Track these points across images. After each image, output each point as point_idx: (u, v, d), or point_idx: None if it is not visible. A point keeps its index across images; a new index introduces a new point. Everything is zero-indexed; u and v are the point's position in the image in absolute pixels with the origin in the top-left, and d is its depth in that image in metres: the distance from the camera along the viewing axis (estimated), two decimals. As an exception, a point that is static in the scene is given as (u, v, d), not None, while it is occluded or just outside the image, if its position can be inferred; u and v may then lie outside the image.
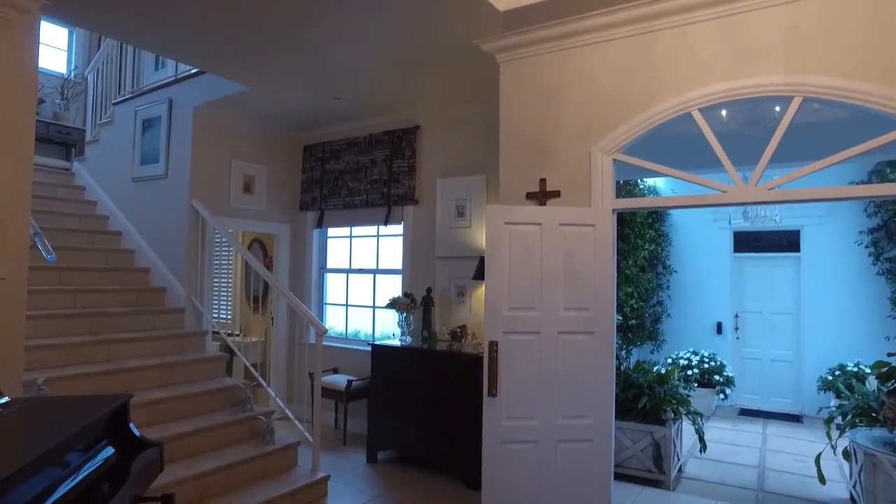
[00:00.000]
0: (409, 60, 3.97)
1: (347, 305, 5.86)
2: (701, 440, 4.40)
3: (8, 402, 2.22)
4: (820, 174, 2.72)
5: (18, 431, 2.01)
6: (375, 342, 4.79)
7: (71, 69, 7.69)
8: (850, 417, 3.82)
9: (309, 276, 5.91)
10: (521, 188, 3.43)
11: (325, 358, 5.30)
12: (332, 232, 5.99)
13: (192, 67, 4.93)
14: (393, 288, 5.36)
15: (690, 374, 6.47)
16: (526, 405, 3.04)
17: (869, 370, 5.25)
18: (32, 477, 1.53)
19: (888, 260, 5.87)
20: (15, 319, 2.93)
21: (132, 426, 2.41)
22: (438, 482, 4.20)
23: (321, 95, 4.79)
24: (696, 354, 6.75)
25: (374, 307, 5.63)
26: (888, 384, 3.58)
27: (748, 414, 6.60)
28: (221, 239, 5.25)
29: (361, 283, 5.77)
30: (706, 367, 6.58)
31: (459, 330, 4.54)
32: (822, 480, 3.79)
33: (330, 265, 6.00)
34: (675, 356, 6.85)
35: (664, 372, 4.66)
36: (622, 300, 5.81)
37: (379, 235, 5.64)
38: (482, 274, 4.17)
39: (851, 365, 5.96)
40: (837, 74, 2.58)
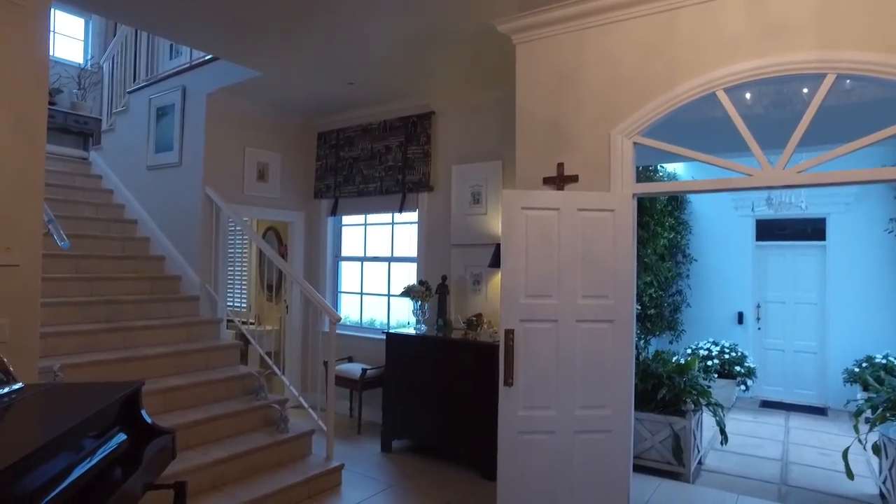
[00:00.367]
0: (423, 43, 3.89)
1: (362, 294, 5.82)
2: (722, 432, 4.30)
3: (22, 387, 2.22)
4: (848, 159, 2.60)
5: (31, 416, 2.01)
6: (390, 330, 4.75)
7: (87, 59, 7.71)
8: (880, 411, 3.69)
9: (323, 264, 5.88)
10: (537, 173, 3.34)
11: (339, 346, 5.28)
12: (346, 220, 5.95)
13: (205, 54, 4.89)
14: (408, 276, 5.31)
15: (710, 364, 6.35)
16: (543, 395, 2.97)
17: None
18: (44, 461, 1.52)
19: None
20: (30, 306, 2.91)
21: (144, 413, 2.39)
22: (453, 472, 4.16)
23: (335, 81, 4.73)
24: (716, 345, 6.62)
25: (388, 295, 5.59)
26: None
27: (770, 406, 6.46)
28: (235, 227, 5.24)
29: (376, 271, 5.73)
30: (727, 357, 6.46)
31: (475, 318, 4.48)
32: (850, 475, 3.68)
33: (344, 253, 5.96)
34: (694, 346, 6.72)
35: (684, 362, 4.56)
36: (641, 289, 5.69)
37: (394, 223, 5.59)
38: (498, 262, 4.10)
39: (880, 357, 5.79)
40: (875, 49, 2.44)
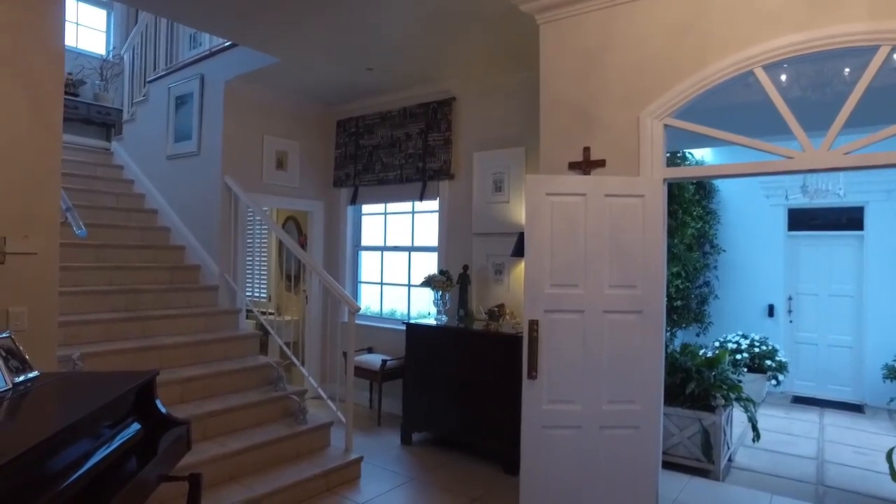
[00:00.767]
0: (443, 24, 3.76)
1: (382, 284, 5.75)
2: (754, 428, 4.14)
3: (38, 375, 2.22)
4: (890, 142, 2.42)
5: (45, 405, 2.00)
6: (410, 321, 4.67)
7: (109, 50, 7.74)
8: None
9: (343, 253, 5.82)
10: (562, 158, 3.21)
11: (359, 337, 5.21)
12: (366, 209, 5.87)
13: (224, 41, 4.84)
14: (428, 266, 5.21)
15: (739, 358, 6.16)
16: (568, 389, 2.85)
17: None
18: (56, 449, 1.54)
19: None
20: (48, 294, 2.89)
21: (159, 403, 2.35)
22: (474, 466, 4.07)
23: (353, 67, 4.63)
24: (745, 338, 6.41)
25: (409, 285, 5.50)
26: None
27: (802, 402, 6.24)
28: (255, 216, 5.19)
29: (396, 260, 5.65)
30: (756, 351, 6.25)
31: (497, 309, 4.37)
32: (894, 477, 3.49)
33: (364, 243, 5.89)
34: (722, 339, 6.52)
35: (713, 355, 4.39)
36: (668, 280, 5.51)
37: (414, 212, 5.49)
38: (521, 251, 3.98)
39: (924, 352, 5.55)
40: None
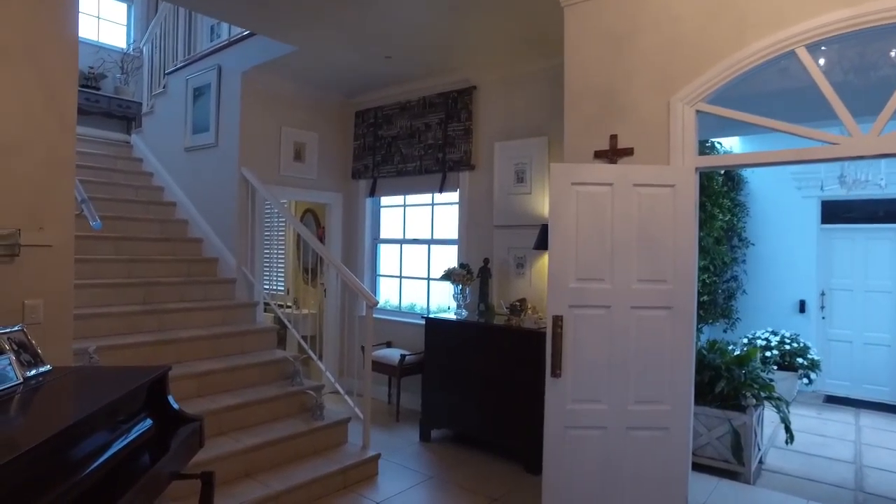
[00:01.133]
0: (464, 10, 3.64)
1: (401, 277, 5.66)
2: (787, 430, 3.95)
3: (50, 370, 2.19)
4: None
5: (56, 399, 1.96)
6: (430, 315, 4.57)
7: (130, 43, 7.75)
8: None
9: (362, 246, 5.74)
10: (588, 146, 3.07)
11: (377, 331, 5.15)
12: (385, 201, 5.78)
13: (240, 32, 4.77)
14: (448, 259, 5.11)
15: (769, 355, 5.95)
16: (593, 387, 2.73)
17: None
18: (66, 445, 1.54)
19: None
20: (63, 287, 2.85)
21: (171, 399, 2.30)
22: (495, 464, 3.97)
23: (372, 55, 4.53)
24: (775, 334, 6.19)
25: (428, 279, 5.41)
26: None
27: (835, 401, 6.01)
28: (272, 208, 5.14)
29: (416, 253, 5.55)
30: (787, 348, 6.03)
31: (519, 303, 4.25)
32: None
33: (383, 235, 5.81)
34: (750, 336, 6.31)
35: (743, 353, 4.22)
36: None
37: (434, 204, 5.38)
38: (544, 243, 3.86)
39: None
40: None
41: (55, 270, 2.79)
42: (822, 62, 2.96)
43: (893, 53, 3.01)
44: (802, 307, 6.49)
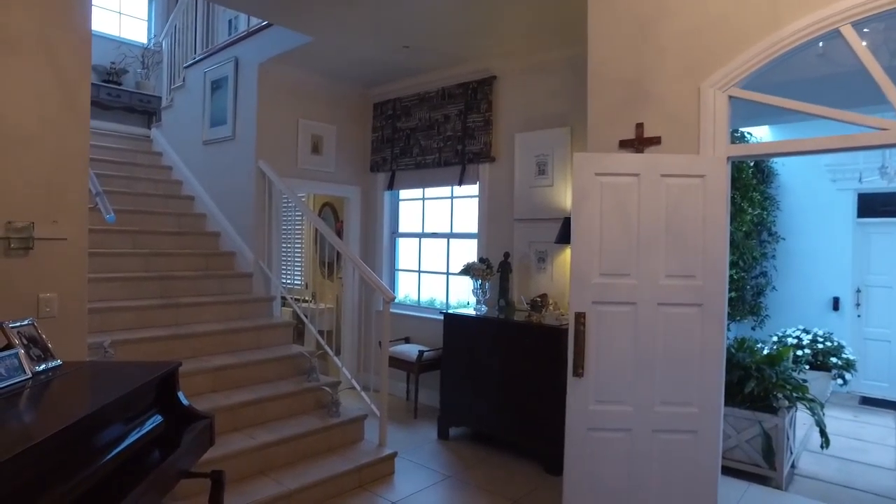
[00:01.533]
0: (483, -4, 3.53)
1: (420, 272, 5.57)
2: (822, 433, 3.76)
3: (60, 364, 2.17)
4: None
5: (64, 395, 1.94)
6: (448, 311, 4.47)
7: (150, 38, 7.78)
8: None
9: (380, 240, 5.67)
10: (612, 135, 2.93)
11: (395, 327, 5.06)
12: (403, 194, 5.69)
13: (258, 22, 4.71)
14: (468, 253, 5.00)
15: (801, 354, 5.72)
16: (617, 388, 2.61)
17: None
18: (69, 443, 1.53)
19: None
20: (77, 280, 2.83)
21: (181, 395, 2.26)
22: (515, 464, 3.87)
23: (389, 45, 4.43)
24: (807, 333, 5.96)
25: (447, 274, 5.31)
26: None
27: (872, 403, 5.76)
28: (290, 202, 5.08)
29: (435, 248, 5.46)
30: (820, 347, 5.80)
31: (540, 299, 4.13)
32: None
33: (402, 229, 5.72)
34: (780, 334, 6.09)
35: (774, 352, 4.05)
36: (724, 270, 5.16)
37: (453, 197, 5.28)
38: (566, 237, 3.73)
39: None
40: None
41: (69, 264, 2.77)
42: (864, 44, 2.79)
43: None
44: (836, 304, 6.24)
